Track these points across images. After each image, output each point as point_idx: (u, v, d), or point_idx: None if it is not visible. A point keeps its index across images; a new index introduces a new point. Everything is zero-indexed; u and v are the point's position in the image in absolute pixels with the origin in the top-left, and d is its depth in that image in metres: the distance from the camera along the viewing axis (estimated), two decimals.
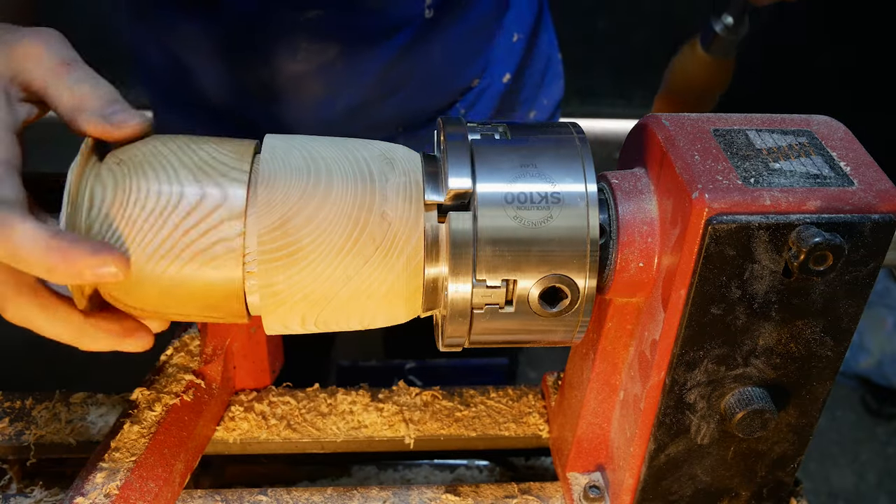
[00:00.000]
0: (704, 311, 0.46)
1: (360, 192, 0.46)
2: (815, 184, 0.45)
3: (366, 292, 0.47)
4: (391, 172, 0.47)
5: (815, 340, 0.48)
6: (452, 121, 0.49)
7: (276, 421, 0.67)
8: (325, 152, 0.47)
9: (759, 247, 0.44)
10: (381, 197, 0.46)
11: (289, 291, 0.46)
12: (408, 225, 0.46)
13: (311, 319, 0.48)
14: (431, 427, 0.67)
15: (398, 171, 0.47)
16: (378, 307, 0.48)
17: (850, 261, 0.45)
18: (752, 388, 0.49)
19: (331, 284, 0.46)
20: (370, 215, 0.45)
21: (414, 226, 0.46)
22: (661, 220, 0.48)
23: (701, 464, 0.53)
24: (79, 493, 0.54)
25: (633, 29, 2.42)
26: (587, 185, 0.46)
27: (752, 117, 0.50)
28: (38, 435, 0.65)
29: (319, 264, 0.45)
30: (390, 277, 0.46)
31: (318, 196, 0.45)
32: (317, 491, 0.61)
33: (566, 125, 0.49)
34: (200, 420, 0.62)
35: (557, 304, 0.47)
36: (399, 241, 0.46)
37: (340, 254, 0.45)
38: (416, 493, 0.61)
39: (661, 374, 0.49)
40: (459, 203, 0.46)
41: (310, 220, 0.45)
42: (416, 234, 0.46)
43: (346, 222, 0.45)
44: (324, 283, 0.46)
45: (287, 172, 0.46)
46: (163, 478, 0.56)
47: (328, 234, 0.45)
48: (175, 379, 0.63)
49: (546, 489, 0.62)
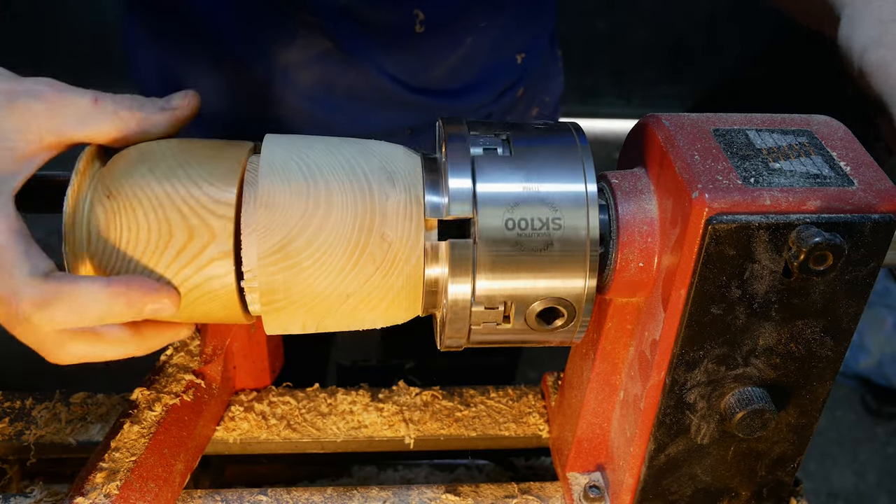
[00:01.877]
0: (704, 310, 0.46)
1: (361, 213, 0.45)
2: (815, 184, 0.45)
3: (366, 307, 0.47)
4: (391, 189, 0.46)
5: (815, 340, 0.48)
6: (453, 121, 0.48)
7: (276, 421, 0.67)
8: (324, 164, 0.47)
9: (759, 247, 0.44)
10: (381, 217, 0.46)
11: (290, 306, 0.47)
12: (408, 245, 0.46)
13: (312, 326, 0.48)
14: (431, 427, 0.67)
15: (399, 188, 0.46)
16: (377, 317, 0.49)
17: (850, 261, 0.45)
18: (752, 388, 0.49)
19: (331, 301, 0.47)
20: (370, 237, 0.45)
21: (414, 245, 0.46)
22: (661, 220, 0.48)
23: (701, 464, 0.53)
24: (79, 493, 0.54)
25: (633, 29, 2.42)
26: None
27: (752, 117, 0.50)
28: (38, 435, 0.65)
29: (320, 284, 0.46)
30: (390, 294, 0.47)
31: (319, 217, 0.45)
32: (317, 491, 0.61)
33: (568, 129, 0.49)
34: (200, 420, 0.62)
35: (554, 322, 0.47)
36: (399, 261, 0.46)
37: (341, 274, 0.46)
38: (416, 493, 0.61)
39: (661, 373, 0.49)
40: (459, 224, 0.46)
41: (310, 243, 0.45)
42: (416, 252, 0.46)
43: (346, 245, 0.45)
44: (324, 301, 0.46)
45: (286, 191, 0.45)
46: (163, 478, 0.56)
47: (329, 255, 0.45)
48: (175, 379, 0.63)
49: (546, 489, 0.62)
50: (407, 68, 0.79)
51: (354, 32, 0.76)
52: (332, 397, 0.69)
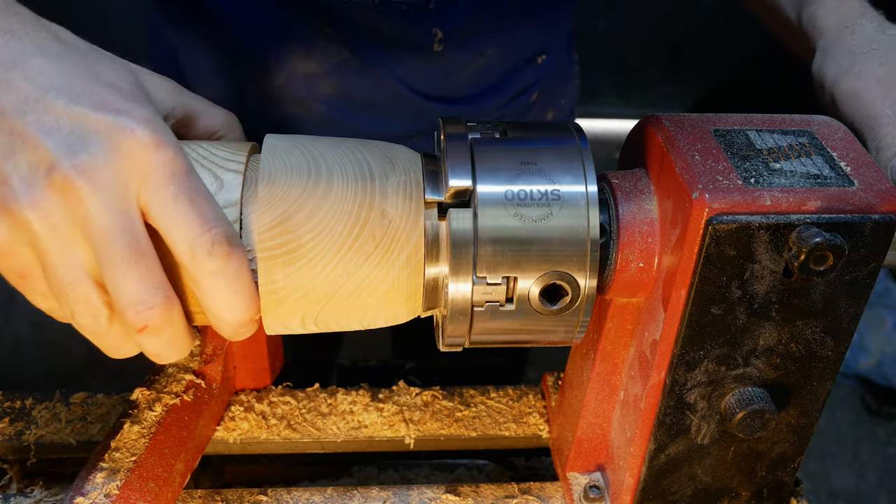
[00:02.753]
0: (704, 311, 0.46)
1: (361, 190, 0.46)
2: (815, 184, 0.45)
3: (366, 290, 0.47)
4: (391, 171, 0.47)
5: (815, 340, 0.48)
6: (452, 120, 0.49)
7: (276, 421, 0.67)
8: (326, 151, 0.47)
9: (760, 247, 0.44)
10: (381, 195, 0.46)
11: (289, 289, 0.46)
12: (408, 222, 0.46)
13: (311, 318, 0.48)
14: (431, 427, 0.67)
15: (398, 170, 0.47)
16: (378, 306, 0.48)
17: (850, 261, 0.45)
18: (753, 388, 0.49)
19: (331, 282, 0.46)
20: (370, 213, 0.45)
21: (414, 223, 0.46)
22: (661, 221, 0.48)
23: (701, 464, 0.53)
24: (79, 493, 0.54)
25: (633, 29, 2.42)
26: (587, 185, 0.46)
27: (753, 117, 0.50)
28: (38, 435, 0.65)
29: (320, 262, 0.45)
30: (391, 275, 0.46)
31: (319, 193, 0.45)
32: (317, 491, 0.61)
33: (566, 125, 0.49)
34: (200, 420, 0.62)
35: (558, 302, 0.47)
36: (399, 239, 0.46)
37: (340, 251, 0.45)
38: (416, 493, 0.61)
39: (661, 374, 0.49)
40: (459, 201, 0.46)
41: (310, 218, 0.45)
42: (417, 231, 0.46)
43: (346, 220, 0.45)
44: (324, 281, 0.46)
45: (287, 170, 0.46)
46: (163, 478, 0.56)
47: (328, 231, 0.45)
48: (175, 379, 0.63)
49: (546, 489, 0.62)
50: (425, 80, 0.80)
51: (373, 46, 0.77)
52: (333, 397, 0.69)
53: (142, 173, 0.40)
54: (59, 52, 0.42)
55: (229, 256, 0.42)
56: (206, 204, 0.42)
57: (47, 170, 0.39)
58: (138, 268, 0.41)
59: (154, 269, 0.41)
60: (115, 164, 0.40)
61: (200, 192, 0.42)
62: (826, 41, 0.60)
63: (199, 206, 0.41)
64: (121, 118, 0.40)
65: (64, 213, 0.40)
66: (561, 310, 0.47)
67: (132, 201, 0.41)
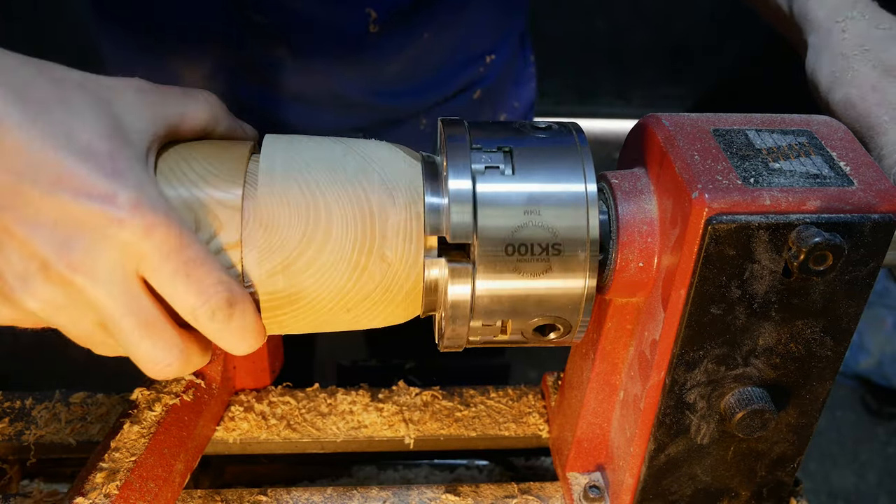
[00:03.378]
0: (704, 311, 0.46)
1: (360, 234, 0.45)
2: (814, 184, 0.45)
3: (365, 318, 0.48)
4: (391, 207, 0.46)
5: (815, 340, 0.48)
6: (455, 126, 0.48)
7: (276, 421, 0.67)
8: (324, 181, 0.46)
9: (759, 247, 0.44)
10: (380, 237, 0.46)
11: (290, 322, 0.47)
12: (407, 264, 0.46)
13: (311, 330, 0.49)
14: (431, 427, 0.67)
15: (399, 205, 0.46)
16: (377, 324, 0.49)
17: (849, 261, 0.45)
18: (752, 388, 0.49)
19: (332, 316, 0.47)
20: (370, 257, 0.46)
21: (413, 264, 0.46)
22: (660, 220, 0.48)
23: (701, 464, 0.53)
24: (79, 493, 0.54)
25: (633, 29, 2.42)
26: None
27: (752, 117, 0.50)
28: (38, 435, 0.65)
29: (320, 302, 0.46)
30: (389, 308, 0.48)
31: (318, 239, 0.45)
32: (317, 491, 0.61)
33: (568, 130, 0.49)
34: (200, 420, 0.62)
35: (549, 335, 0.48)
36: (399, 280, 0.47)
37: (341, 293, 0.46)
38: (416, 493, 0.61)
39: (661, 374, 0.49)
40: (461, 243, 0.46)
41: (310, 265, 0.45)
42: (416, 271, 0.47)
43: (346, 266, 0.46)
44: (325, 315, 0.47)
45: (286, 210, 0.45)
46: (163, 478, 0.56)
47: (329, 277, 0.46)
48: (175, 379, 0.63)
49: (546, 489, 0.62)
50: (358, 71, 0.79)
51: (306, 36, 0.75)
52: (332, 397, 0.69)
53: (137, 256, 0.40)
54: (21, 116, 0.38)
55: (230, 318, 0.43)
56: (205, 271, 0.42)
57: (41, 267, 0.39)
58: (150, 337, 0.42)
59: (165, 332, 0.43)
60: (109, 256, 0.40)
61: (197, 260, 0.42)
62: (817, 38, 0.57)
63: (197, 277, 0.41)
64: (106, 207, 0.39)
65: (66, 300, 0.41)
66: (553, 340, 0.49)
67: (132, 278, 0.41)
